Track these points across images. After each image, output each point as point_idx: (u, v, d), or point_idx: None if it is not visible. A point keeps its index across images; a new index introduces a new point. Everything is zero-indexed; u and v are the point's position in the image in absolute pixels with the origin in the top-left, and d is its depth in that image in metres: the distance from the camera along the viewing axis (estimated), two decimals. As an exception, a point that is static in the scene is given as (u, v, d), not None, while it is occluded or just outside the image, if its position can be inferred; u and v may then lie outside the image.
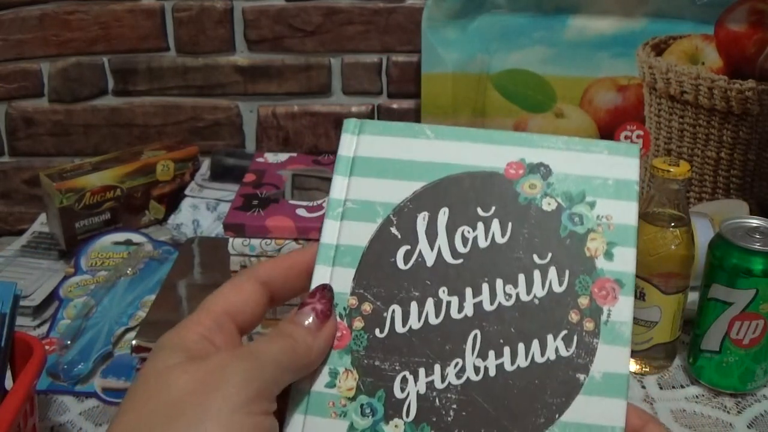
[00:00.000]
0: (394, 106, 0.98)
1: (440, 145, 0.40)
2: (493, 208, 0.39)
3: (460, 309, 0.38)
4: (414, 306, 0.38)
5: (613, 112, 0.87)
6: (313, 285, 0.38)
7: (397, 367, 0.37)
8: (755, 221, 0.68)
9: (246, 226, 0.65)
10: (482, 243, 0.38)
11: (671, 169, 0.65)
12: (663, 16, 0.84)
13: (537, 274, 0.38)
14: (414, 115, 0.97)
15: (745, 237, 0.65)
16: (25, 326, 0.78)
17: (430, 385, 0.37)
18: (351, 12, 0.93)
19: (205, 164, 0.96)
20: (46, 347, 0.70)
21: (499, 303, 0.37)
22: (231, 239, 0.65)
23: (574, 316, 0.37)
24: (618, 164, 0.40)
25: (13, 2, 0.93)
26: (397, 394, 0.37)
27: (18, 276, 0.83)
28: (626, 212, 0.39)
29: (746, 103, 0.84)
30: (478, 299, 0.38)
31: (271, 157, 0.76)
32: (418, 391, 0.37)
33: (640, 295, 0.69)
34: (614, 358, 0.36)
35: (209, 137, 1.00)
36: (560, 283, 0.37)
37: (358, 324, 0.38)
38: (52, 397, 0.69)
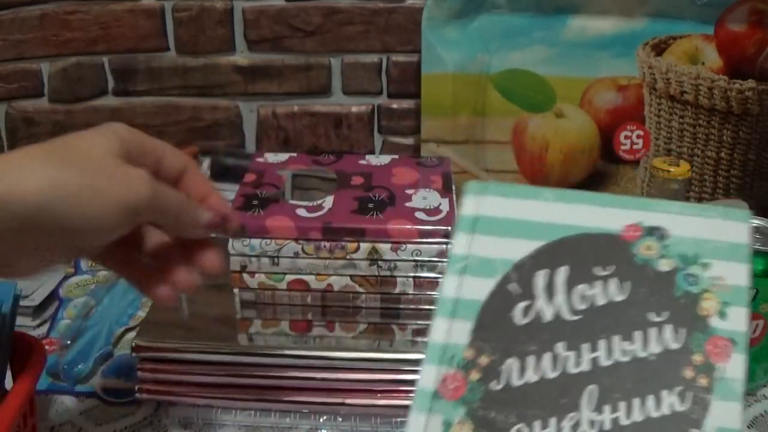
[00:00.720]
0: (394, 106, 0.98)
1: (559, 207, 0.43)
2: (611, 267, 0.41)
3: (577, 364, 0.39)
4: (531, 360, 0.39)
5: (613, 112, 0.87)
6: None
7: (512, 420, 0.38)
8: (755, 221, 0.68)
9: (246, 226, 0.65)
10: (600, 301, 0.40)
11: (671, 169, 0.65)
12: (663, 16, 0.84)
13: (653, 331, 0.39)
14: (414, 115, 0.97)
15: (745, 237, 0.65)
16: (25, 326, 0.78)
17: None
18: (351, 12, 0.93)
19: (205, 164, 0.96)
20: (46, 347, 0.70)
21: (616, 359, 0.39)
22: (231, 239, 0.65)
23: (688, 373, 0.38)
24: (730, 228, 0.42)
25: (13, 2, 0.93)
26: None
27: (18, 276, 0.83)
28: (739, 273, 0.41)
29: (746, 103, 0.84)
30: (595, 355, 0.39)
31: (271, 157, 0.76)
32: None
33: (640, 295, 0.69)
34: (727, 414, 0.38)
35: (209, 137, 1.00)
36: (675, 341, 0.39)
37: (475, 375, 0.39)
38: (52, 397, 0.69)
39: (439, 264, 0.65)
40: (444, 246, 0.65)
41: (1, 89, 0.97)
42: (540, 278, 0.41)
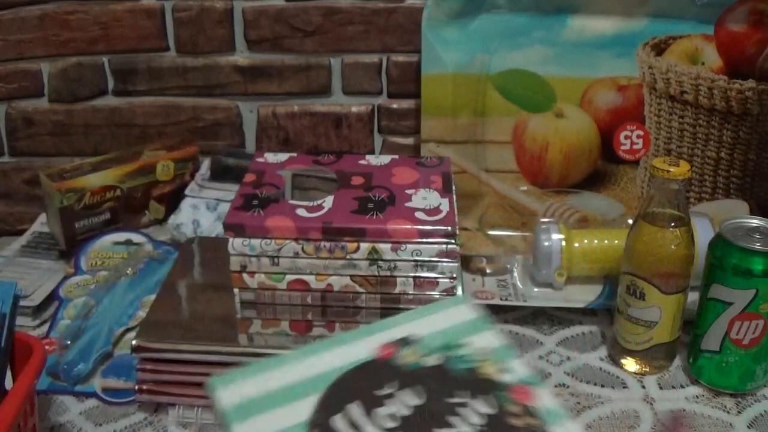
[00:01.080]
0: (394, 106, 0.98)
1: (310, 361, 0.45)
2: (394, 384, 0.44)
3: None
4: None
5: (613, 112, 0.87)
6: None
7: None
8: (755, 221, 0.68)
9: (246, 226, 0.65)
10: (404, 411, 0.42)
11: (671, 169, 0.65)
12: (663, 16, 0.84)
13: (465, 410, 0.42)
14: (414, 115, 0.97)
15: (745, 237, 0.65)
16: (25, 326, 0.78)
17: None
18: (351, 12, 0.93)
19: (205, 164, 0.96)
20: (46, 347, 0.70)
21: None
22: (231, 239, 0.65)
23: (517, 422, 0.42)
24: (457, 312, 0.49)
25: (13, 2, 0.93)
26: None
27: (18, 276, 0.83)
28: (490, 338, 0.47)
29: (746, 103, 0.84)
30: None
31: (271, 157, 0.76)
32: None
33: (640, 295, 0.69)
34: (571, 429, 0.41)
35: (209, 137, 1.00)
36: (488, 407, 0.42)
37: None
38: (52, 397, 0.69)
39: (439, 264, 0.65)
40: (444, 246, 0.65)
41: (1, 89, 0.97)
42: (339, 422, 0.42)
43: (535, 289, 0.81)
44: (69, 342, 0.72)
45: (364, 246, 0.65)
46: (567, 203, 0.90)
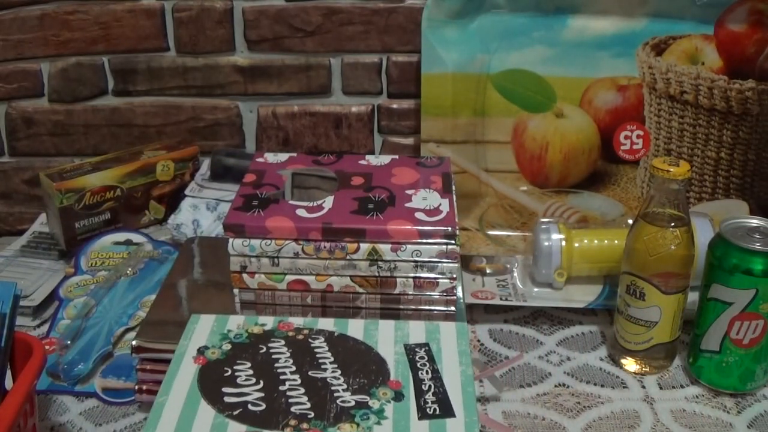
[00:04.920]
0: (394, 106, 0.98)
1: None
2: None
3: None
4: None
5: (613, 112, 0.87)
6: None
7: None
8: (755, 221, 0.68)
9: (246, 226, 0.65)
10: None
11: (671, 169, 0.65)
12: (663, 16, 0.84)
13: None
14: (414, 115, 0.97)
15: (745, 237, 0.65)
16: (25, 326, 0.78)
17: None
18: (351, 12, 0.93)
19: (205, 164, 0.96)
20: (46, 347, 0.70)
21: None
22: (231, 239, 0.65)
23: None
24: None
25: (13, 2, 0.93)
26: None
27: (18, 276, 0.83)
28: None
29: (746, 103, 0.84)
30: None
31: (271, 157, 0.76)
32: None
33: (640, 295, 0.69)
34: None
35: (209, 137, 1.00)
36: None
37: None
38: (52, 397, 0.69)
39: (439, 264, 0.65)
40: (444, 246, 0.65)
41: (1, 89, 0.97)
42: None
43: (535, 289, 0.81)
44: (69, 342, 0.72)
45: (364, 246, 0.65)
46: (567, 203, 0.90)
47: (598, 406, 0.68)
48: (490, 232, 0.89)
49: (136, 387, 0.66)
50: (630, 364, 0.72)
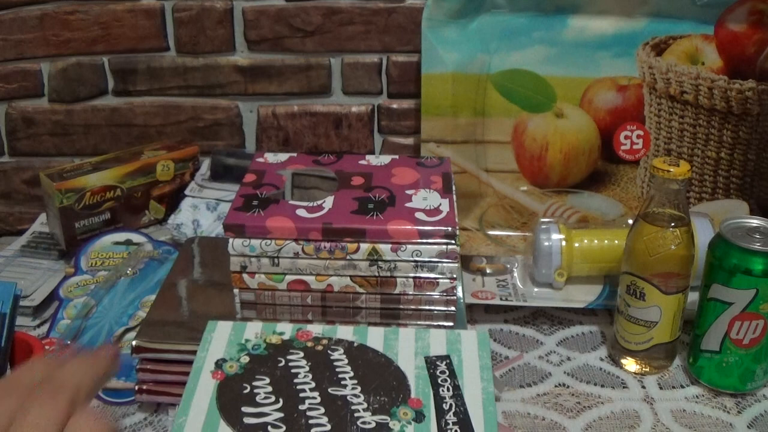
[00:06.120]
0: (394, 106, 0.98)
1: None
2: None
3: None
4: None
5: (613, 112, 0.87)
6: None
7: None
8: (755, 221, 0.68)
9: (246, 226, 0.65)
10: None
11: (671, 169, 0.65)
12: (663, 16, 0.84)
13: None
14: (414, 115, 0.97)
15: (745, 237, 0.65)
16: (25, 326, 0.78)
17: None
18: (351, 12, 0.93)
19: (205, 164, 0.96)
20: (46, 347, 0.70)
21: None
22: (231, 239, 0.65)
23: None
24: None
25: (13, 2, 0.93)
26: None
27: (18, 276, 0.83)
28: None
29: (746, 103, 0.84)
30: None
31: (271, 157, 0.76)
32: None
33: (640, 295, 0.69)
34: None
35: (209, 137, 1.00)
36: None
37: None
38: (52, 397, 0.68)
39: (439, 264, 0.65)
40: (444, 246, 0.65)
41: (1, 89, 0.97)
42: None
43: (535, 289, 0.81)
44: (69, 342, 0.72)
45: (364, 246, 0.65)
46: (567, 203, 0.90)
47: (598, 406, 0.68)
48: (490, 232, 0.89)
49: (136, 387, 0.66)
50: (630, 364, 0.72)
